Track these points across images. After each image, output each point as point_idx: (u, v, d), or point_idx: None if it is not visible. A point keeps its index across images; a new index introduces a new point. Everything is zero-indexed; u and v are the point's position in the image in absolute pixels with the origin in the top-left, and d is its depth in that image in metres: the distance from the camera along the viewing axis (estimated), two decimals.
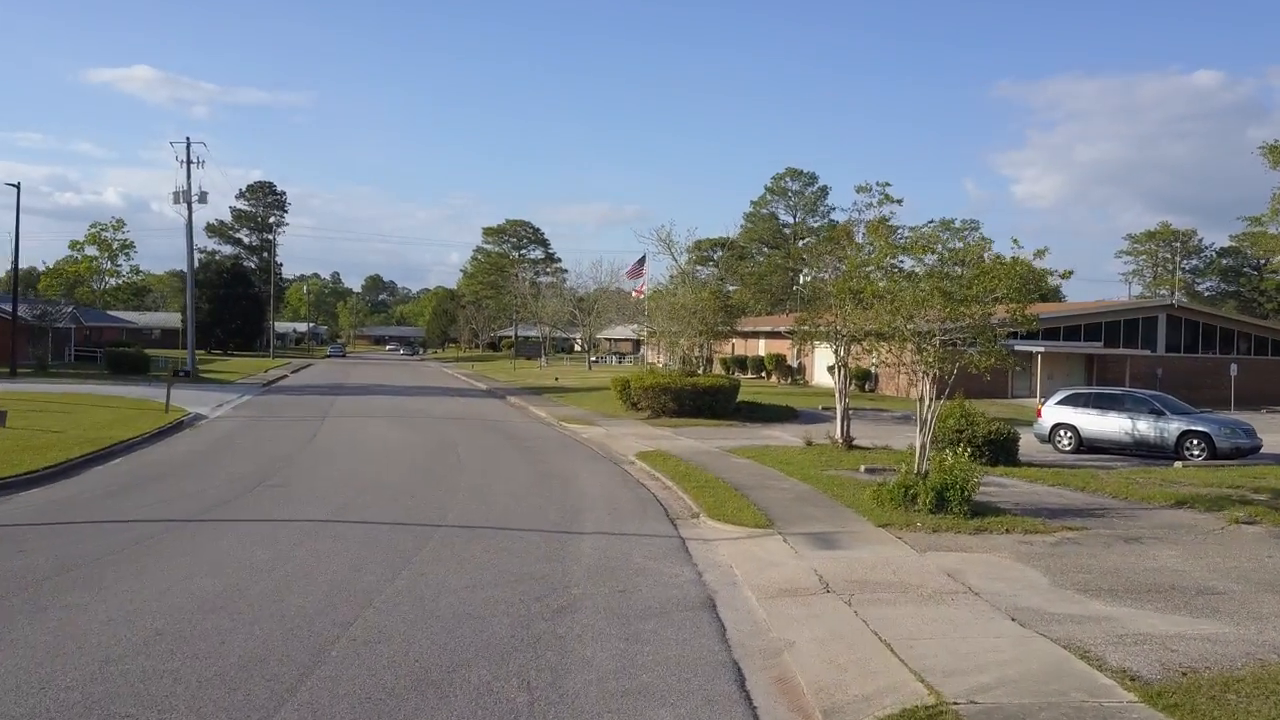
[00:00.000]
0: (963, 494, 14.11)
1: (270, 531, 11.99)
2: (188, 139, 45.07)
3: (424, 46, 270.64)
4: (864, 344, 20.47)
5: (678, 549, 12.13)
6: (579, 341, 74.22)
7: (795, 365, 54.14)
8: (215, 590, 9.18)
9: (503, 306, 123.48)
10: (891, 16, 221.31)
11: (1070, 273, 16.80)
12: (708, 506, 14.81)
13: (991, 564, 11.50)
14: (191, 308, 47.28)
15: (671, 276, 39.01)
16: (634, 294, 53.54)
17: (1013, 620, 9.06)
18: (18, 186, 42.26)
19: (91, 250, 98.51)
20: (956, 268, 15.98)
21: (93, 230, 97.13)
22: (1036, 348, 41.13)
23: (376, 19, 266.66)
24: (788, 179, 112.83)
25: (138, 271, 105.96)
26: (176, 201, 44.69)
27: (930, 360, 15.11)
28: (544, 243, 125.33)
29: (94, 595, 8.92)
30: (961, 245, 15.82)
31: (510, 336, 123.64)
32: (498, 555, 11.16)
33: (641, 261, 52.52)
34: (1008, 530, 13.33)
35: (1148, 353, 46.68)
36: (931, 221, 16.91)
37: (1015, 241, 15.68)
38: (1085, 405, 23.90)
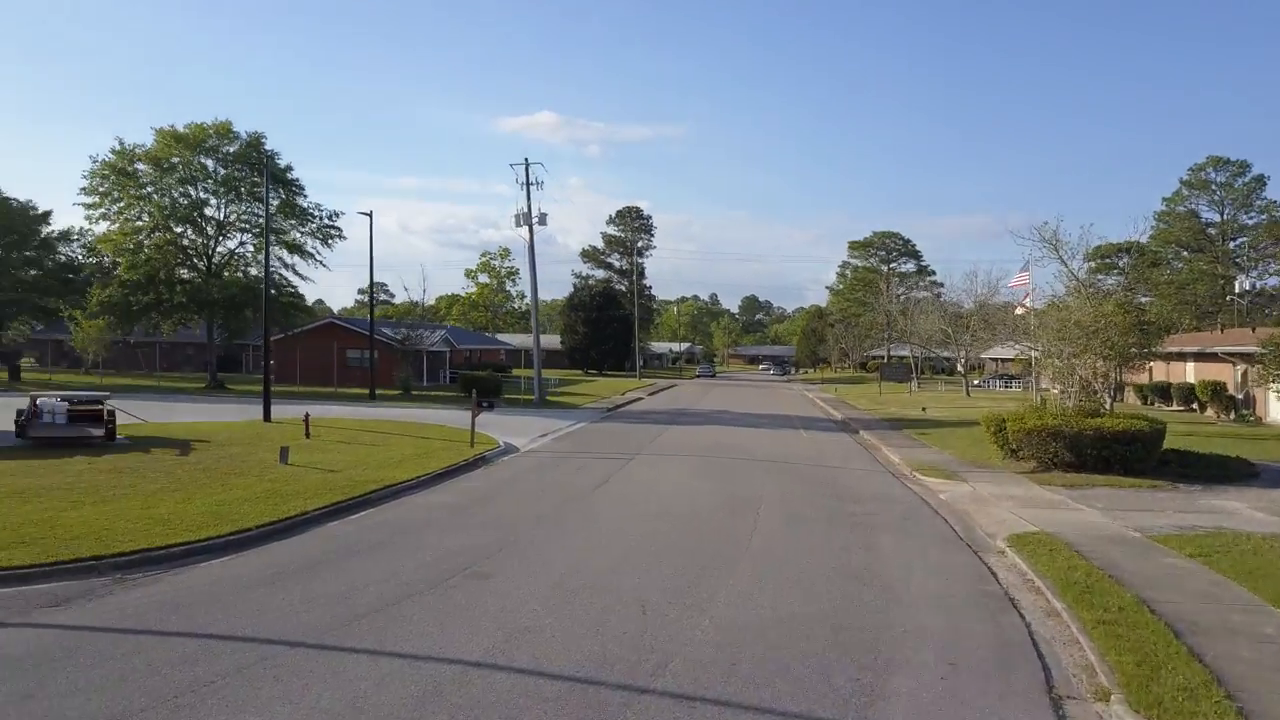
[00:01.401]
0: None
1: (375, 687, 7.76)
2: (525, 160, 44.81)
3: (790, 68, 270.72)
4: None
5: None
6: (959, 363, 65.89)
7: (1239, 396, 42.17)
8: None
9: (872, 324, 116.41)
10: None
11: None
12: (1126, 675, 8.42)
13: None
14: (536, 331, 46.88)
15: (1068, 287, 30.74)
16: (1017, 308, 44.93)
17: None
18: (370, 215, 44.33)
19: (484, 278, 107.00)
20: None
21: (483, 259, 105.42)
22: None
23: (747, 47, 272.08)
24: (1209, 169, 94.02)
25: (523, 297, 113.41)
26: (518, 224, 44.50)
27: None
28: (915, 254, 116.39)
29: None
30: None
31: (881, 357, 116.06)
32: None
33: (1025, 269, 43.99)
34: None
35: None
36: None
37: None
38: None
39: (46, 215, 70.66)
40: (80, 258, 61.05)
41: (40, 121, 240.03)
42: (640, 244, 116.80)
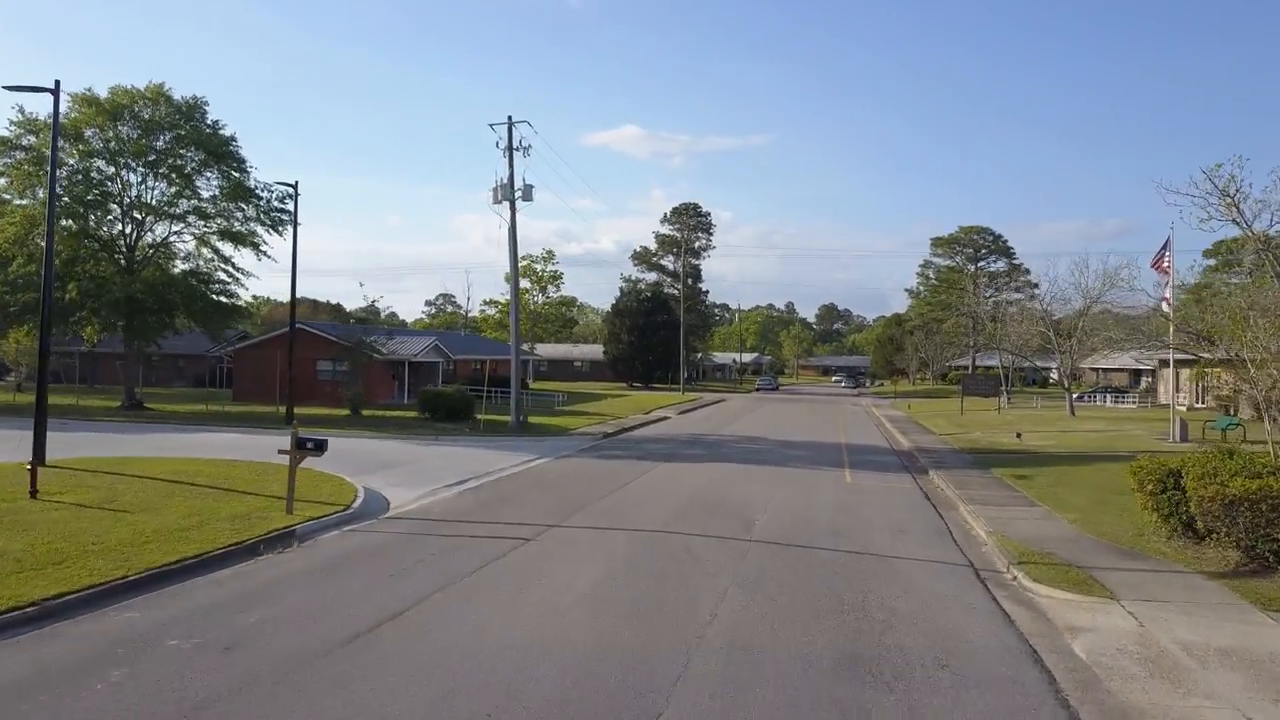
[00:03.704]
0: None
1: None
2: (509, 118, 35.20)
3: (877, 74, 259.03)
4: None
5: None
6: (1054, 373, 54.25)
7: None
8: None
9: (957, 330, 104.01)
10: None
11: None
12: None
13: None
14: (515, 336, 37.01)
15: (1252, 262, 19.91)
16: (1162, 302, 33.58)
17: None
18: (295, 185, 35.17)
19: (525, 283, 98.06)
20: None
21: (524, 263, 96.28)
22: None
23: (835, 54, 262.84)
24: None
25: (566, 304, 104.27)
26: (496, 200, 34.92)
27: None
28: (1007, 252, 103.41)
29: None
30: None
31: (964, 367, 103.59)
32: None
33: (1165, 247, 32.85)
34: None
35: None
36: None
37: None
38: None
39: None
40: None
41: None
42: (698, 244, 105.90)
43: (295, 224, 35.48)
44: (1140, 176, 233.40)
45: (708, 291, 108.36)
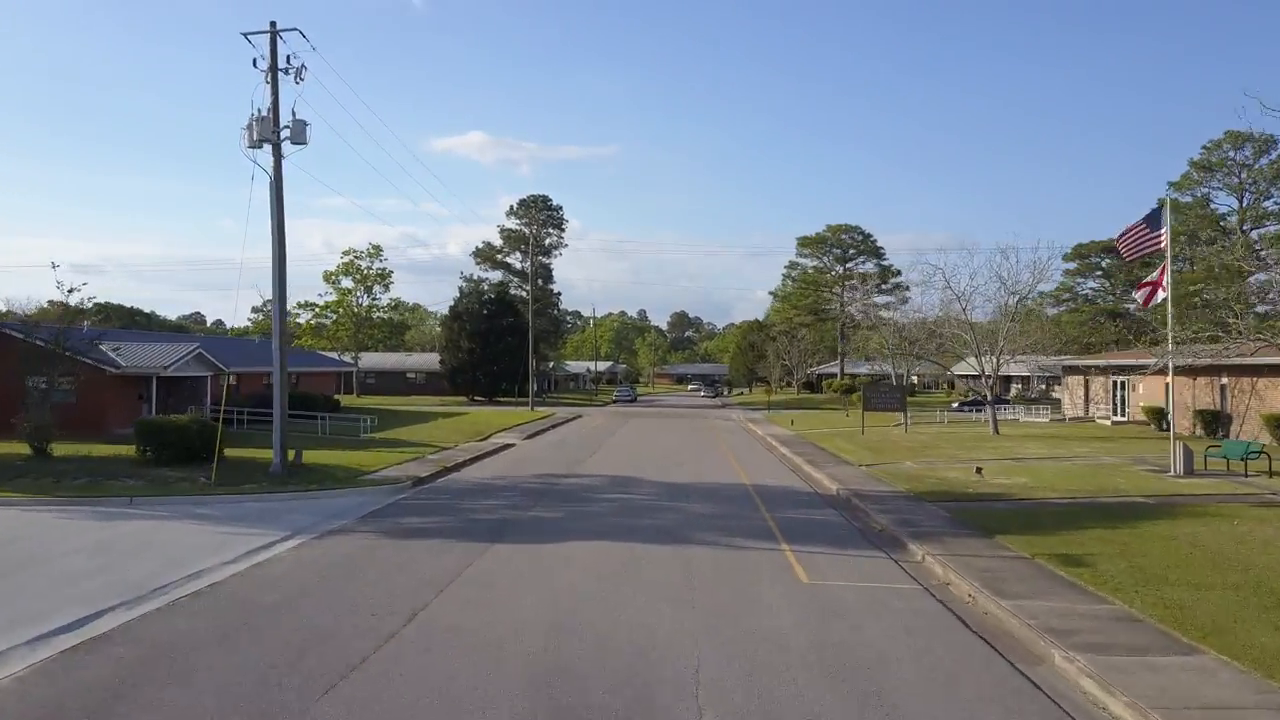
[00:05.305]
0: None
1: None
2: (271, 24, 24.13)
3: (723, 89, 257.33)
4: None
5: None
6: (985, 384, 47.20)
7: None
8: None
9: (823, 336, 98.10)
10: None
11: None
12: None
13: None
14: (278, 335, 24.98)
15: None
16: (1137, 291, 26.08)
17: None
18: None
19: (347, 283, 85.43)
20: None
21: (345, 259, 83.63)
22: None
23: (676, 68, 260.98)
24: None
25: (399, 307, 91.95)
26: (251, 142, 23.68)
27: None
28: (877, 252, 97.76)
29: None
30: None
31: (835, 375, 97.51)
32: None
33: (1153, 218, 25.25)
34: None
35: None
36: None
37: None
38: None
39: None
40: None
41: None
42: (548, 240, 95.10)
43: None
44: (966, 192, 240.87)
45: (559, 293, 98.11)
